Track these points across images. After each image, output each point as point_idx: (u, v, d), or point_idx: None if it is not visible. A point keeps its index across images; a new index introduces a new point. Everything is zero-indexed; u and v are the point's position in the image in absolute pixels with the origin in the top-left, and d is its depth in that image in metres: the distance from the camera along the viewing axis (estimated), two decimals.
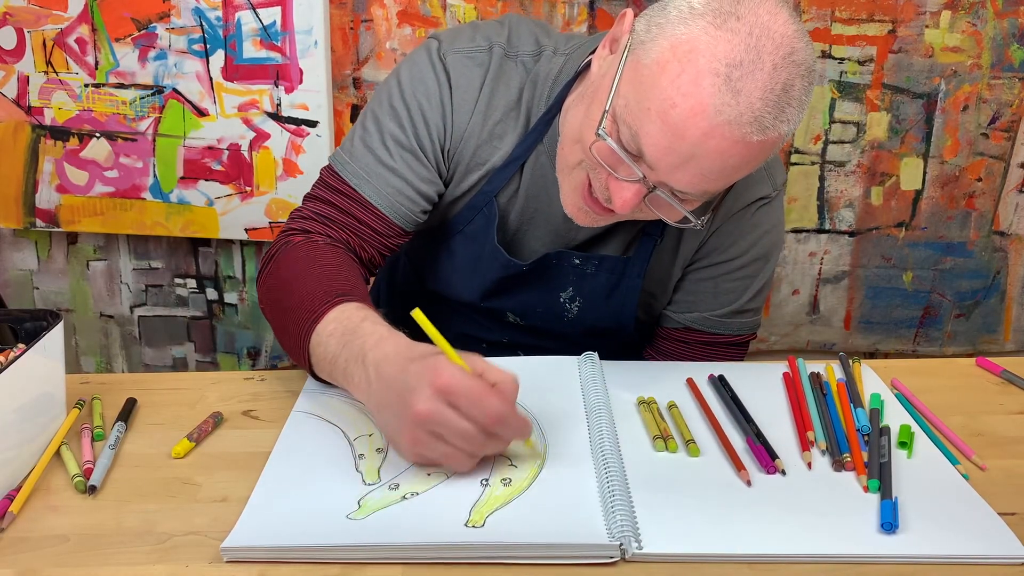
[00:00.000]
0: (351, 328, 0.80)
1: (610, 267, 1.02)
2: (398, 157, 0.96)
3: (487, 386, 0.70)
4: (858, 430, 0.83)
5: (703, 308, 1.06)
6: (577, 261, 1.01)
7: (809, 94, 0.78)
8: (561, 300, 1.05)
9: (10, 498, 0.70)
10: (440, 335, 0.74)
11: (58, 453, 0.78)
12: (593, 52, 0.95)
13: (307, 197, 1.00)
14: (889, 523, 0.69)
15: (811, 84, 0.78)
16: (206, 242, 1.87)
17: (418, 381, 0.70)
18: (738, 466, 0.77)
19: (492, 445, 0.73)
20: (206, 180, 1.74)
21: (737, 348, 1.09)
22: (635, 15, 0.84)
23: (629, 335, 1.08)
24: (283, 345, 0.89)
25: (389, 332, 0.78)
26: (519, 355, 1.05)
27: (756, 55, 0.74)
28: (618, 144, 0.80)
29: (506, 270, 1.02)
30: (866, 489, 0.74)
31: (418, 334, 0.76)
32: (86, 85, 1.68)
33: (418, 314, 0.73)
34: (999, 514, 0.71)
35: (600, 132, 0.80)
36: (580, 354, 0.96)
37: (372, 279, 1.32)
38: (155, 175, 1.74)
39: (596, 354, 0.95)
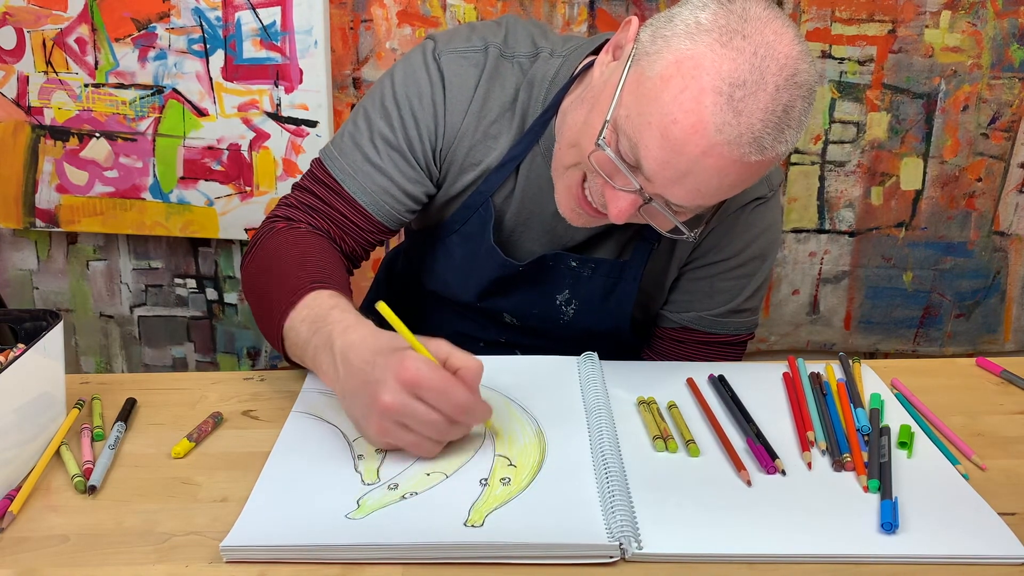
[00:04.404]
0: (321, 315, 0.81)
1: (607, 271, 1.02)
2: (386, 156, 0.96)
3: (452, 377, 0.73)
4: (858, 430, 0.83)
5: (700, 308, 1.06)
6: (574, 263, 1.01)
7: (808, 115, 0.79)
8: (557, 302, 1.05)
9: (10, 498, 0.70)
10: (405, 327, 0.75)
11: (58, 453, 0.78)
12: (591, 54, 0.95)
13: (295, 187, 1.01)
14: (889, 523, 0.69)
15: (811, 105, 0.79)
16: (206, 242, 1.87)
17: (384, 373, 0.72)
18: (738, 466, 0.77)
19: (456, 431, 0.76)
20: (206, 180, 1.74)
21: (734, 348, 1.09)
22: (640, 23, 0.84)
23: (625, 337, 1.08)
24: (261, 329, 0.91)
25: (356, 320, 0.80)
26: (517, 354, 1.05)
27: (760, 76, 0.74)
28: (616, 155, 0.81)
29: (502, 270, 1.02)
30: (866, 489, 0.74)
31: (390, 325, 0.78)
32: (86, 85, 1.68)
33: (383, 307, 0.76)
34: (999, 514, 0.71)
35: (599, 142, 0.81)
36: (576, 354, 0.96)
37: (372, 279, 1.33)
38: (155, 175, 1.74)
39: (595, 354, 0.95)
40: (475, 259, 1.03)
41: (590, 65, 0.92)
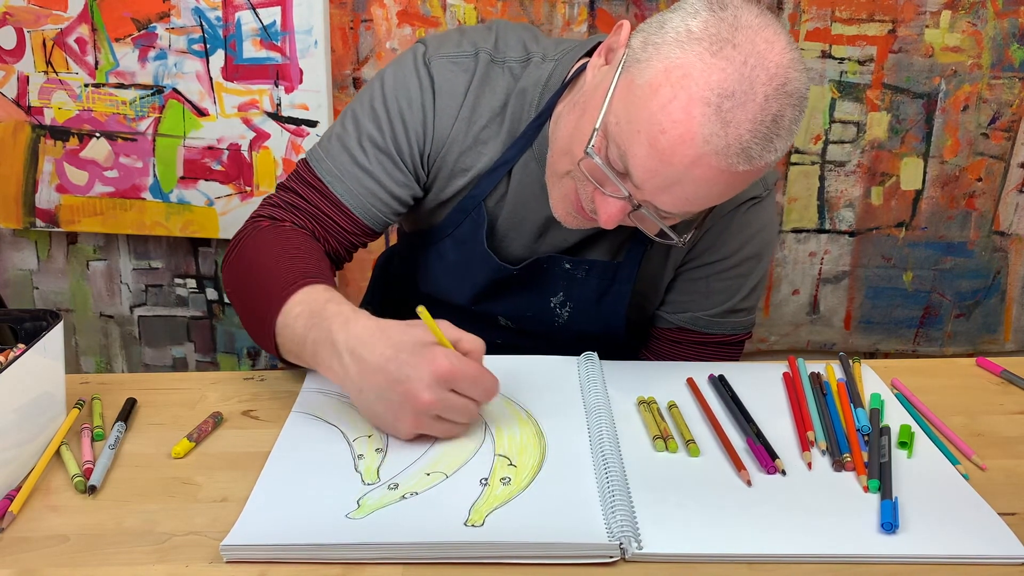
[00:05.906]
0: (317, 310, 0.81)
1: (600, 272, 1.02)
2: (374, 159, 0.96)
3: (479, 365, 0.78)
4: (858, 430, 0.83)
5: (696, 308, 1.06)
6: (568, 266, 1.01)
7: (798, 123, 0.78)
8: (552, 305, 1.05)
9: (10, 498, 0.70)
10: (438, 328, 0.78)
11: (58, 453, 0.78)
12: (583, 56, 0.95)
13: (279, 187, 1.01)
14: (889, 523, 0.69)
15: (802, 113, 0.78)
16: (206, 242, 1.87)
17: (415, 371, 0.74)
18: (738, 466, 0.77)
19: (478, 411, 0.81)
20: (206, 180, 1.74)
21: (732, 348, 1.09)
22: (632, 27, 0.83)
23: (619, 339, 1.08)
24: (248, 328, 0.90)
25: (354, 312, 0.81)
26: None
27: (749, 86, 0.74)
28: (605, 163, 0.81)
29: (496, 273, 1.02)
30: (866, 489, 0.74)
31: (386, 315, 0.80)
32: (86, 85, 1.68)
33: (423, 312, 0.77)
34: (999, 514, 0.71)
35: (588, 150, 0.81)
36: (572, 356, 0.95)
37: (369, 279, 1.33)
38: (155, 175, 1.74)
39: (595, 354, 0.95)
40: (469, 263, 1.03)
41: (584, 68, 0.92)
